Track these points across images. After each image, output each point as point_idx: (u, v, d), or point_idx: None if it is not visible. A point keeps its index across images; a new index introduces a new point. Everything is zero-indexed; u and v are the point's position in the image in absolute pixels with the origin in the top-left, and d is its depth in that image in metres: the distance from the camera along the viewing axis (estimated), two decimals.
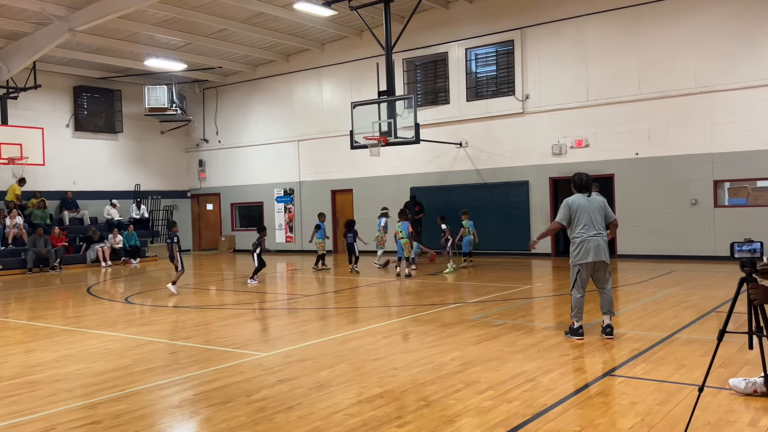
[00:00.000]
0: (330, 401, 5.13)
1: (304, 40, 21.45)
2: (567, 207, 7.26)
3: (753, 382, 4.90)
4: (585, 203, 7.25)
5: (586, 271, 7.22)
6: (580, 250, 7.16)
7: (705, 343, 6.76)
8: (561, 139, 17.78)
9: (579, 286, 7.25)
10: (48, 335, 8.55)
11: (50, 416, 4.98)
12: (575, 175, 7.48)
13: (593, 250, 7.13)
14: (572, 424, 4.45)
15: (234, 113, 24.97)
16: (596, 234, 7.17)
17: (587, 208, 7.23)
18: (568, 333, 7.32)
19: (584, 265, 7.19)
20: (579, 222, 7.18)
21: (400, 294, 12.09)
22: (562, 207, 7.32)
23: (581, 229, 7.17)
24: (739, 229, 14.84)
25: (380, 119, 16.52)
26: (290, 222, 23.44)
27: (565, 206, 7.27)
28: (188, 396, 5.48)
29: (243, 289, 13.31)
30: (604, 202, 7.47)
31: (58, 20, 17.24)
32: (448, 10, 19.43)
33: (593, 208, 7.27)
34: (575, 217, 7.20)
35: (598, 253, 7.15)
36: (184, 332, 8.50)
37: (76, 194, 22.56)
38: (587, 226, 7.17)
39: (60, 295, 13.73)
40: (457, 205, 18.44)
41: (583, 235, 7.15)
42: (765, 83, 15.00)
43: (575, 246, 7.20)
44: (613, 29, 16.96)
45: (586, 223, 7.18)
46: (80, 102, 23.14)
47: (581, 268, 7.20)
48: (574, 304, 7.25)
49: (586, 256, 7.14)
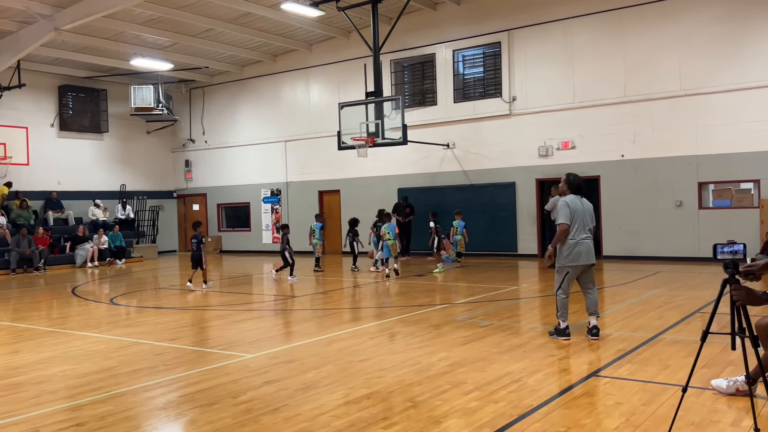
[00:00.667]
0: (317, 402, 5.12)
1: (291, 40, 21.41)
2: (567, 207, 7.22)
3: (734, 380, 4.95)
4: (579, 205, 7.27)
5: (574, 273, 7.27)
6: (572, 252, 7.17)
7: (689, 343, 6.82)
8: (547, 141, 17.88)
9: (566, 287, 7.28)
10: (32, 337, 8.47)
11: (34, 418, 4.93)
12: (570, 176, 7.43)
13: (585, 253, 7.18)
14: (558, 425, 4.48)
15: (221, 113, 24.87)
16: (587, 237, 7.23)
17: (580, 210, 7.26)
18: (554, 334, 7.34)
19: (574, 267, 7.22)
20: (573, 224, 7.19)
21: (387, 295, 12.10)
22: (562, 207, 7.25)
23: (574, 232, 7.18)
24: (723, 230, 15.01)
25: (368, 120, 16.53)
26: (277, 223, 23.37)
27: (566, 206, 7.23)
28: (174, 398, 5.45)
29: (229, 290, 13.25)
30: (591, 206, 7.50)
31: (43, 19, 17.08)
32: (435, 12, 19.47)
33: (585, 211, 7.31)
34: (572, 218, 7.20)
35: (589, 257, 7.21)
36: (169, 333, 8.45)
37: (60, 194, 22.36)
38: (579, 229, 7.20)
39: (44, 296, 13.61)
40: (444, 206, 18.52)
41: (576, 237, 7.17)
42: (749, 86, 15.17)
43: (567, 247, 7.18)
44: (600, 32, 17.08)
45: (579, 225, 7.20)
46: (65, 101, 22.94)
47: (570, 270, 7.23)
48: (560, 305, 7.28)
49: (577, 258, 7.17)
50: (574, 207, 7.21)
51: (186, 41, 20.26)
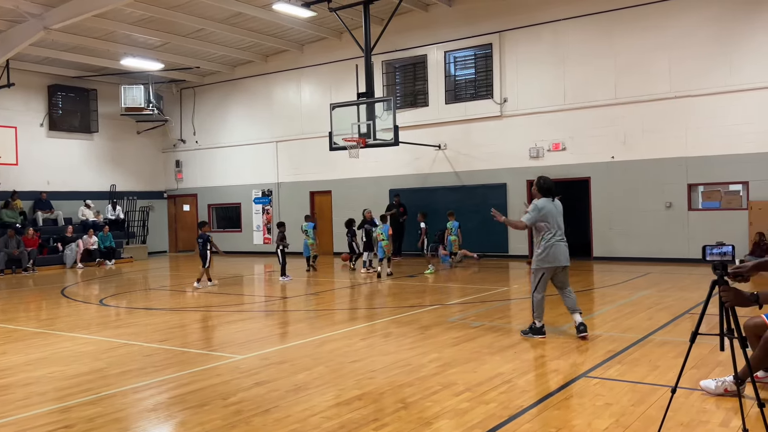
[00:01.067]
0: (307, 404, 5.11)
1: (282, 40, 21.37)
2: (537, 210, 7.36)
3: (723, 381, 4.98)
4: (552, 208, 7.41)
5: (549, 274, 7.42)
6: (548, 254, 7.32)
7: (678, 344, 6.85)
8: (538, 143, 17.93)
9: (542, 287, 7.44)
10: (20, 338, 8.40)
11: (22, 420, 4.90)
12: (540, 179, 7.57)
13: (561, 254, 7.35)
14: (548, 426, 4.49)
15: (212, 113, 24.79)
16: (562, 239, 7.40)
17: (554, 212, 7.40)
18: (528, 332, 7.48)
19: (549, 269, 7.37)
20: (546, 226, 7.33)
21: (379, 296, 12.09)
22: (532, 209, 7.41)
23: (550, 234, 7.32)
24: (712, 232, 15.10)
25: (359, 121, 16.53)
26: (268, 223, 23.32)
27: (536, 209, 7.37)
28: (163, 399, 5.42)
29: (220, 291, 13.21)
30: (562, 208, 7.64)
31: (33, 18, 16.97)
32: (427, 13, 19.49)
33: (559, 213, 7.47)
34: (544, 221, 7.34)
35: (564, 258, 7.39)
36: (159, 335, 8.41)
37: (50, 194, 22.22)
38: (554, 231, 7.34)
39: (33, 296, 13.51)
40: (436, 207, 18.55)
41: (552, 239, 7.33)
42: (738, 89, 15.27)
43: (543, 249, 7.34)
44: (590, 34, 17.15)
45: (554, 227, 7.35)
46: (55, 101, 22.79)
47: (545, 271, 7.39)
48: (536, 305, 7.45)
49: (554, 260, 7.33)
50: (547, 210, 7.35)
51: (177, 41, 20.19)
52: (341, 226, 18.44)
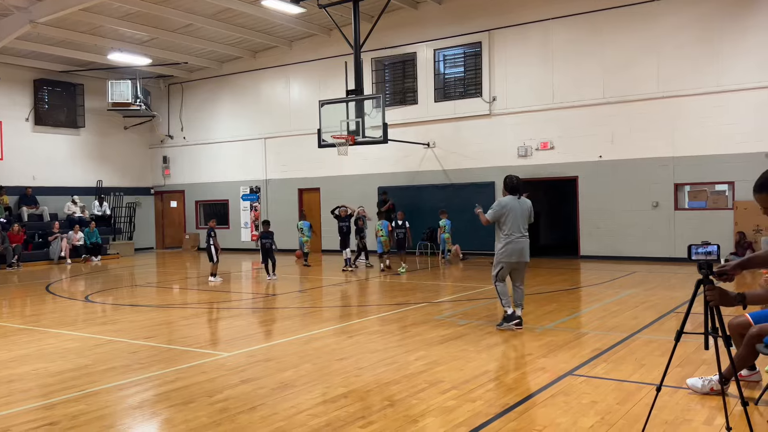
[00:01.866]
0: (294, 401, 5.10)
1: (271, 37, 21.28)
2: (500, 207, 7.87)
3: (709, 380, 5.03)
4: (516, 206, 7.85)
5: (508, 268, 7.90)
6: (506, 250, 7.80)
7: (664, 343, 6.90)
8: (527, 141, 17.98)
9: (501, 278, 7.93)
10: (4, 334, 8.33)
11: (5, 417, 4.85)
12: (507, 178, 8.03)
13: (518, 252, 7.83)
14: (534, 424, 4.51)
15: (199, 109, 24.65)
16: (521, 236, 7.84)
17: (516, 210, 7.82)
18: (502, 324, 7.79)
19: (507, 263, 7.86)
20: (507, 222, 7.79)
21: (366, 293, 12.09)
22: (494, 206, 7.92)
23: (508, 231, 7.79)
24: (699, 231, 15.22)
25: (348, 118, 16.49)
26: (256, 220, 23.24)
27: (498, 206, 7.89)
28: (149, 396, 5.39)
29: (206, 288, 13.15)
30: (530, 205, 8.00)
31: (19, 11, 16.80)
32: (416, 11, 19.47)
33: (521, 211, 7.86)
34: (505, 217, 7.78)
35: (522, 255, 7.86)
36: (145, 331, 8.36)
37: (35, 190, 22.03)
38: (514, 228, 7.79)
39: (18, 293, 13.39)
40: (424, 205, 18.57)
41: (510, 236, 7.79)
42: (724, 89, 15.38)
43: (502, 245, 7.83)
44: (579, 33, 17.20)
45: (513, 225, 7.79)
46: (41, 95, 22.59)
47: (504, 264, 7.88)
48: (500, 293, 7.92)
49: (510, 256, 7.82)
50: (509, 207, 7.80)
51: (165, 36, 20.04)
52: (329, 224, 18.50)
